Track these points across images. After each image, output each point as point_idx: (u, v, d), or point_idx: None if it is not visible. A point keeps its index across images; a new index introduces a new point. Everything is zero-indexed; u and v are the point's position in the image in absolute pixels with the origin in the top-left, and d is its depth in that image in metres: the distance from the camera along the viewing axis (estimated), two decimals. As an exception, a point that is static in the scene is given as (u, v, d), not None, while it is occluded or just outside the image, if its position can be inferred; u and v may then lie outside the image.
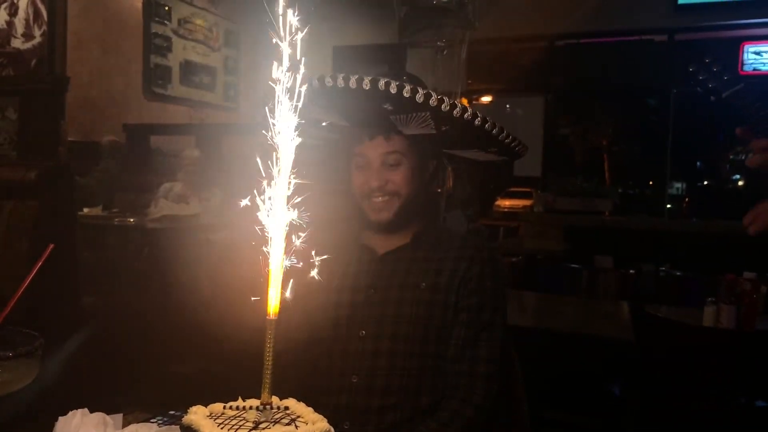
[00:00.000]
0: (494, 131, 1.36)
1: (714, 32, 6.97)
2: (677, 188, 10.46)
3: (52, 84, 3.08)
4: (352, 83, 1.28)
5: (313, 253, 0.83)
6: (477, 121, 1.32)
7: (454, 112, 1.30)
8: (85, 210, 4.18)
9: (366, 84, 1.27)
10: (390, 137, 1.44)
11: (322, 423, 0.87)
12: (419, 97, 1.27)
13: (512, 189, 11.60)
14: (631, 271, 3.50)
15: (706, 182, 11.00)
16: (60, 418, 1.02)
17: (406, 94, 1.27)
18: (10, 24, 3.29)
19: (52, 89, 3.08)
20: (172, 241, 3.96)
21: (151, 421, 1.16)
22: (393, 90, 1.26)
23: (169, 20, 6.62)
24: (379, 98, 1.31)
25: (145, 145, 5.70)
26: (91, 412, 1.05)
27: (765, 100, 1.28)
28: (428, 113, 1.34)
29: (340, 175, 1.57)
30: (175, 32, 6.71)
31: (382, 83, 1.27)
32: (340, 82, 1.29)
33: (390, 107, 1.35)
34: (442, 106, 1.29)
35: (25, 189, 2.77)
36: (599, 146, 10.75)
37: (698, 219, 7.07)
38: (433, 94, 1.29)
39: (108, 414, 1.05)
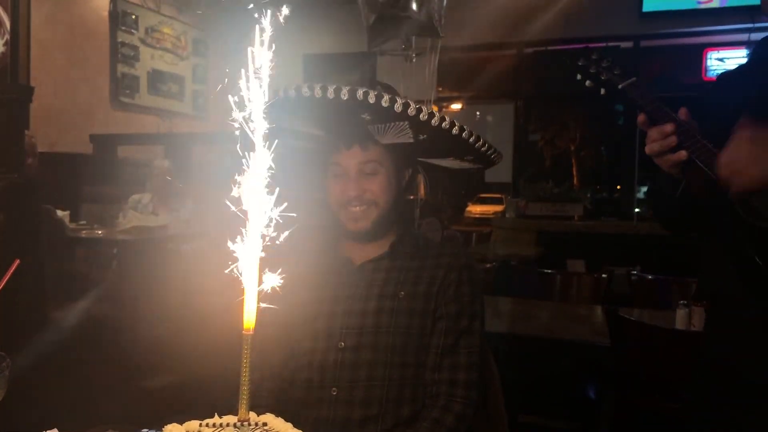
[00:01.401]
0: (471, 140, 1.36)
1: (678, 39, 7.11)
2: (645, 192, 10.63)
3: (15, 94, 3.02)
4: (330, 93, 1.27)
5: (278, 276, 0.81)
6: (454, 130, 1.33)
7: (432, 121, 1.30)
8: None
9: (344, 94, 1.26)
10: (367, 146, 1.44)
11: (302, 438, 0.85)
12: (397, 106, 1.27)
13: (483, 195, 11.68)
14: (603, 275, 3.53)
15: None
16: (29, 439, 0.98)
17: (384, 104, 1.27)
18: (-29, 33, 3.22)
19: (15, 99, 3.01)
20: (142, 253, 3.90)
21: (124, 439, 1.13)
22: (371, 100, 1.26)
23: (136, 29, 6.54)
24: (357, 108, 1.30)
25: (113, 155, 5.62)
26: (61, 431, 1.02)
27: (655, 93, 1.33)
28: (406, 122, 1.33)
29: (316, 184, 1.55)
30: (143, 41, 6.63)
31: (360, 93, 1.26)
32: (318, 92, 1.28)
33: (368, 117, 1.34)
34: (421, 116, 1.28)
35: (-11, 202, 2.69)
36: (568, 151, 10.90)
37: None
38: (411, 103, 1.29)
39: (79, 434, 1.02)
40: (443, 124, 1.31)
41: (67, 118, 5.61)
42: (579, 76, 1.42)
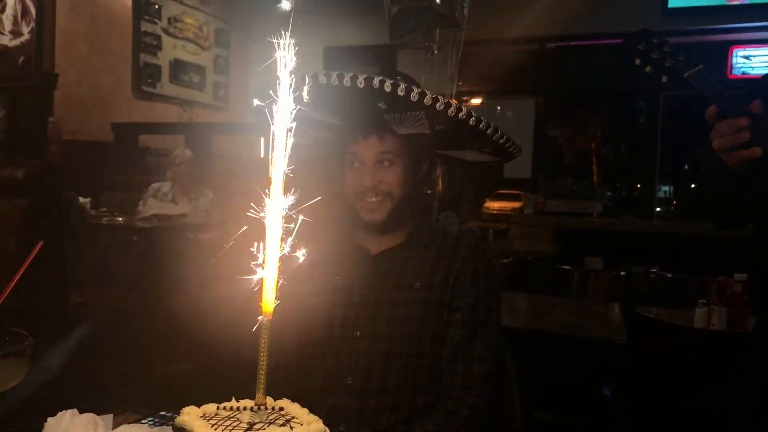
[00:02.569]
0: (488, 131, 1.35)
1: (703, 36, 7.01)
2: (664, 191, 10.53)
3: (39, 81, 3.05)
4: (346, 81, 1.27)
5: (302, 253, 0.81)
6: (471, 121, 1.32)
7: (449, 111, 1.29)
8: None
9: (360, 82, 1.26)
10: (384, 137, 1.43)
11: (317, 424, 0.85)
12: (414, 95, 1.26)
13: (501, 191, 11.63)
14: (621, 272, 3.50)
15: (693, 185, 11.06)
16: (49, 419, 1.00)
17: (400, 92, 1.26)
18: (-3, 20, 3.26)
19: (39, 87, 3.05)
20: (161, 241, 3.94)
21: (142, 422, 1.14)
22: (387, 88, 1.26)
23: (159, 18, 6.58)
24: (373, 97, 1.30)
25: (134, 144, 5.68)
26: (81, 412, 1.04)
27: (725, 82, 1.25)
28: (422, 112, 1.33)
29: (333, 174, 1.55)
30: (165, 30, 6.67)
31: (376, 81, 1.26)
32: (334, 80, 1.28)
33: (384, 106, 1.34)
34: (437, 105, 1.28)
35: (13, 188, 2.73)
36: (588, 148, 10.80)
37: (686, 221, 7.11)
38: (428, 92, 1.28)
39: (98, 414, 1.04)
40: (460, 115, 1.30)
41: (89, 106, 5.67)
42: (638, 61, 1.34)
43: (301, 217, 0.81)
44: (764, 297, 1.42)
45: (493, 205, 11.63)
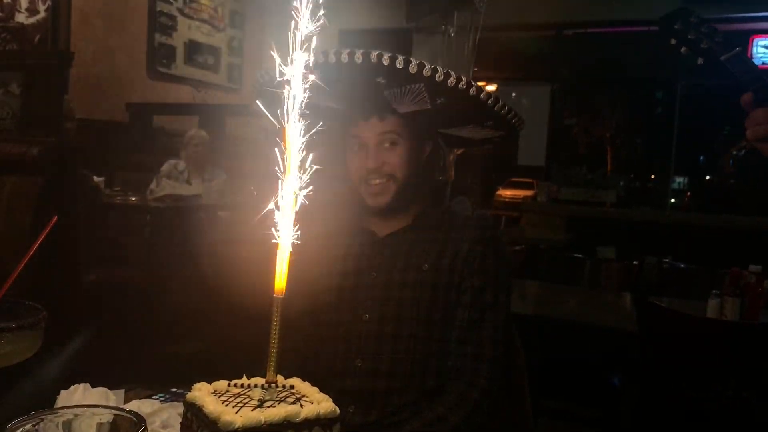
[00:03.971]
0: (490, 102, 1.33)
1: (723, 24, 6.90)
2: (679, 182, 10.45)
3: (55, 59, 3.05)
4: (344, 57, 1.25)
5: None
6: (472, 91, 1.29)
7: (449, 81, 1.26)
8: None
9: (358, 57, 1.24)
10: (385, 117, 1.42)
11: (328, 403, 0.86)
12: (412, 67, 1.24)
13: (513, 179, 11.59)
14: (634, 262, 3.48)
15: (708, 177, 11.00)
16: (62, 391, 1.01)
17: (398, 65, 1.24)
18: (14, -2, 3.26)
19: (55, 64, 3.04)
20: (174, 221, 3.95)
21: (153, 397, 1.15)
22: (385, 62, 1.24)
23: (175, -1, 6.56)
24: (372, 71, 1.28)
25: (149, 124, 5.68)
26: (93, 387, 1.05)
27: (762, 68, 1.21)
28: (422, 85, 1.30)
29: (339, 160, 1.54)
30: (181, 11, 6.66)
31: (374, 55, 1.24)
32: (332, 58, 1.25)
33: (383, 80, 1.31)
34: (437, 76, 1.25)
35: (28, 165, 2.74)
36: (603, 138, 10.73)
37: (700, 213, 7.06)
38: (426, 64, 1.26)
39: (110, 390, 1.04)
40: (460, 85, 1.27)
41: (104, 85, 5.68)
42: (673, 41, 1.27)
43: (303, 199, 0.81)
44: None
45: (506, 193, 11.61)
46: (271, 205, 0.79)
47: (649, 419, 2.52)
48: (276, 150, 0.80)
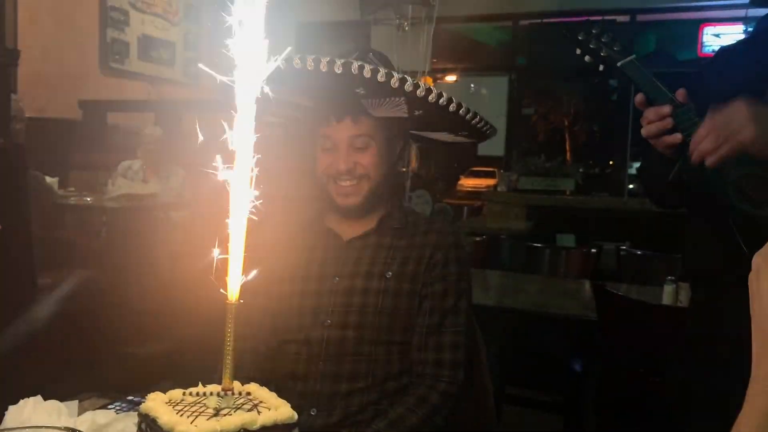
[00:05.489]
0: (468, 117, 1.34)
1: (675, 13, 7.06)
2: (636, 168, 10.64)
3: (1, 57, 2.95)
4: (323, 66, 1.23)
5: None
6: (452, 107, 1.31)
7: (429, 97, 1.27)
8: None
9: (338, 68, 1.23)
10: (358, 119, 1.40)
11: (285, 408, 0.85)
12: (394, 81, 1.24)
13: (475, 168, 11.66)
14: (593, 250, 3.54)
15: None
16: (10, 407, 0.98)
17: (380, 78, 1.23)
18: (-45, -6, 3.15)
19: (1, 63, 2.95)
20: (131, 221, 3.88)
21: (109, 407, 1.13)
22: (367, 75, 1.23)
23: (126, -7, 6.42)
24: (351, 81, 1.27)
25: (103, 121, 5.56)
26: (46, 396, 1.02)
27: (654, 72, 1.32)
28: (402, 98, 1.31)
29: (304, 155, 1.52)
30: (133, 5, 6.51)
31: (355, 66, 1.22)
32: (310, 65, 1.24)
33: (362, 91, 1.31)
34: (417, 92, 1.26)
35: (-25, 167, 2.65)
36: (561, 126, 10.88)
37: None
38: (408, 78, 1.26)
39: (62, 401, 1.02)
40: (440, 101, 1.29)
41: (55, 83, 5.53)
42: (579, 51, 1.40)
43: (257, 197, 0.79)
44: (692, 269, 1.52)
45: (468, 183, 11.68)
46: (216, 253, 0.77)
47: (609, 403, 2.57)
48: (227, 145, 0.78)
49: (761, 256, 0.66)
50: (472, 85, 9.67)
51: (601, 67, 1.37)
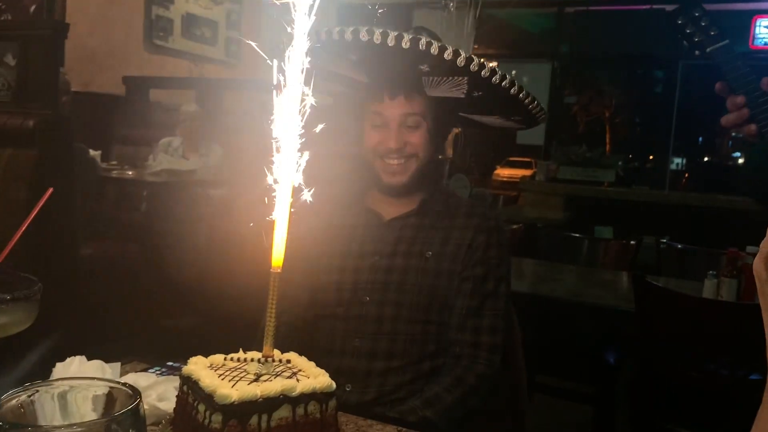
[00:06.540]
0: (527, 101, 1.33)
1: (726, 4, 6.85)
2: (677, 163, 10.42)
3: (51, 30, 3.00)
4: (390, 40, 1.22)
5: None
6: (513, 90, 1.30)
7: (493, 79, 1.26)
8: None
9: (405, 42, 1.21)
10: (412, 97, 1.39)
11: (324, 377, 0.85)
12: (460, 60, 1.23)
13: (512, 158, 11.55)
14: (631, 242, 3.48)
15: (706, 158, 10.98)
16: (58, 363, 1.00)
17: (447, 56, 1.22)
18: (8, -34, 3.20)
19: (51, 36, 3.00)
20: (170, 196, 3.94)
21: (150, 371, 1.15)
22: (434, 51, 1.21)
23: (172, -29, 6.47)
24: (416, 58, 1.26)
25: (145, 98, 5.63)
26: (89, 360, 1.04)
27: (746, 60, 1.27)
28: (465, 78, 1.29)
29: (350, 135, 1.52)
30: (178, -16, 6.57)
31: (423, 42, 1.21)
32: (377, 38, 1.22)
33: (426, 68, 1.29)
34: (482, 72, 1.25)
35: (23, 137, 2.72)
36: (602, 117, 10.69)
37: (698, 193, 7.04)
38: (475, 58, 1.24)
39: (106, 363, 1.04)
40: (504, 83, 1.28)
41: (101, 58, 5.61)
42: (679, 36, 1.36)
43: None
44: None
45: (504, 173, 11.57)
46: (270, 180, 0.78)
47: (643, 397, 2.54)
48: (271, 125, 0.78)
49: None
50: (514, 72, 9.55)
51: (696, 52, 1.33)
